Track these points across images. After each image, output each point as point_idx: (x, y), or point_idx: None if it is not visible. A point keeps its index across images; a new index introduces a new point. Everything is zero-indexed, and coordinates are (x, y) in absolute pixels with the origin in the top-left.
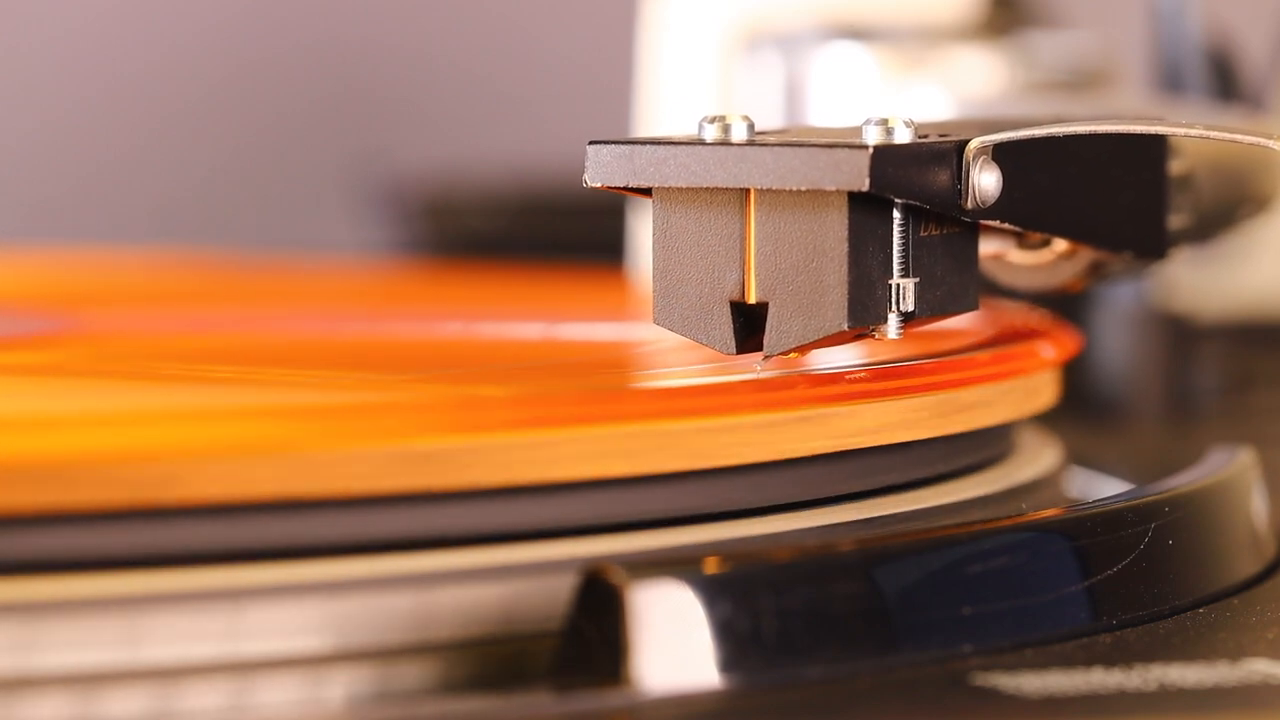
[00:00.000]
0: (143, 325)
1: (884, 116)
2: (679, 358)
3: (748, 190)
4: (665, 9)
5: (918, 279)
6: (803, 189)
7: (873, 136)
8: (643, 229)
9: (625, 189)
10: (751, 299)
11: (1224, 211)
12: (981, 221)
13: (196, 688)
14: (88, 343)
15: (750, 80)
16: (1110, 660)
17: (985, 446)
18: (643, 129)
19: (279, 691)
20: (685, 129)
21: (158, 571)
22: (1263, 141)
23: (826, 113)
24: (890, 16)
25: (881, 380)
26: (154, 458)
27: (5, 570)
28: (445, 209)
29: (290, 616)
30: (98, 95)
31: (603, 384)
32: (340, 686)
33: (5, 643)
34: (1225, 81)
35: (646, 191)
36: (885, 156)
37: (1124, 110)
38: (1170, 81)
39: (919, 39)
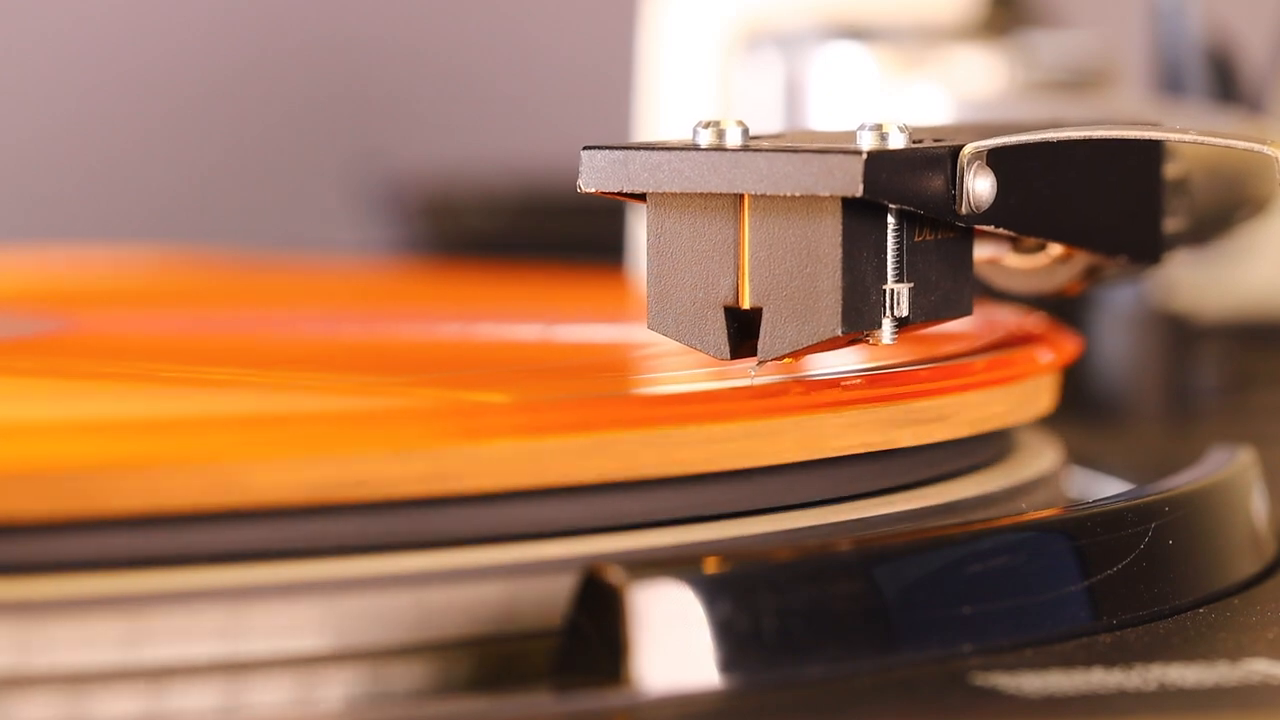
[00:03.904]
0: (142, 325)
1: (878, 121)
2: (674, 362)
3: (742, 196)
4: (665, 9)
5: (912, 284)
6: (797, 195)
7: (867, 142)
8: (641, 230)
9: (619, 194)
10: (746, 304)
11: (1220, 214)
12: (976, 226)
13: (197, 686)
14: (85, 344)
15: (750, 80)
16: (1110, 660)
17: (983, 449)
18: (643, 128)
19: (278, 691)
20: (685, 128)
21: (159, 572)
22: (1257, 147)
23: (827, 113)
24: (890, 16)
25: (876, 387)
26: (151, 463)
27: (2, 572)
28: (445, 209)
29: (291, 616)
30: (97, 95)
31: (600, 390)
32: (340, 686)
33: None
34: (1225, 82)
35: (641, 197)
36: (879, 162)
37: (1119, 114)
38: (1170, 82)
39: (919, 39)
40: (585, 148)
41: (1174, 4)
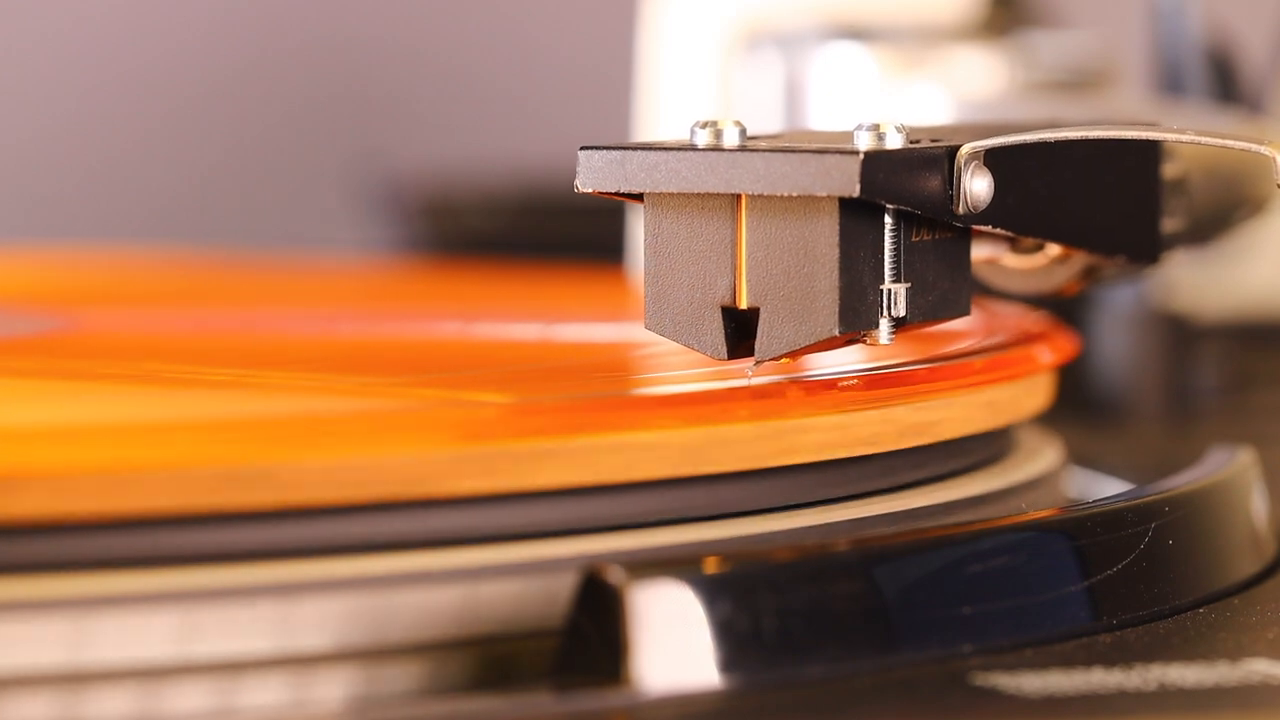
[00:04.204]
0: (142, 325)
1: (876, 121)
2: (672, 362)
3: (739, 196)
4: (665, 9)
5: (909, 284)
6: (794, 195)
7: (864, 142)
8: (640, 230)
9: (617, 194)
10: (743, 304)
11: (1219, 214)
12: (974, 226)
13: (198, 685)
14: (85, 344)
15: (750, 80)
16: (1110, 660)
17: (982, 448)
18: (643, 128)
19: (278, 691)
20: (684, 128)
21: (157, 571)
22: (1254, 147)
23: (826, 113)
24: (890, 16)
25: (873, 387)
26: (150, 464)
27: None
28: (445, 209)
29: (290, 615)
30: (97, 95)
31: (599, 391)
32: (340, 686)
33: None
34: (1225, 82)
35: (638, 196)
36: (876, 162)
37: (1117, 114)
38: (1170, 82)
39: (919, 39)
40: (582, 148)
41: (1174, 4)
